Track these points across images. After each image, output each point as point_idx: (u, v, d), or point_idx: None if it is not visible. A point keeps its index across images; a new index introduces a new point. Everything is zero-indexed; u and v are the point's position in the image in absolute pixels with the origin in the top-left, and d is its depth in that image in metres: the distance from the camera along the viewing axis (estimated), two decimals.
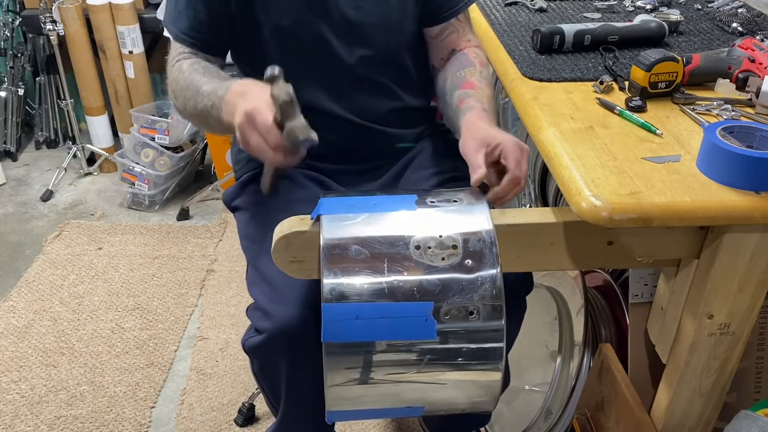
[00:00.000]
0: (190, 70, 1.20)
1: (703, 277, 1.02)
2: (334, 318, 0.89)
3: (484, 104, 1.18)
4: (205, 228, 2.66)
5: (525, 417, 1.59)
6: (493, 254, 0.92)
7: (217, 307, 2.24)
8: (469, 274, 0.91)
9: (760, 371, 1.28)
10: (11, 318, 2.18)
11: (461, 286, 0.90)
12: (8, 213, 2.77)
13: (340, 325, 0.89)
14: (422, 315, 0.90)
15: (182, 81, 1.19)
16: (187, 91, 1.18)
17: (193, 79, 1.17)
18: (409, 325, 0.90)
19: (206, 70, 1.19)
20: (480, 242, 0.93)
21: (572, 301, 1.59)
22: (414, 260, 0.92)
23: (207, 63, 1.23)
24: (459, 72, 1.28)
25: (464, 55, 1.31)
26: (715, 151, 0.95)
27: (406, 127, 1.38)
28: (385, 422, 1.82)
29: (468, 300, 0.90)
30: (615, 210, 0.91)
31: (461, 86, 1.24)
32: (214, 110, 1.11)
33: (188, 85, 1.18)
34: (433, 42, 1.35)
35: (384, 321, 0.89)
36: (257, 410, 1.83)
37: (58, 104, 3.05)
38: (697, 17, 1.53)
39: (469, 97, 1.21)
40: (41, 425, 1.81)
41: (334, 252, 0.92)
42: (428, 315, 0.89)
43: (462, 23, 1.33)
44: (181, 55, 1.24)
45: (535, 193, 1.94)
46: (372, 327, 0.89)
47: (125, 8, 2.71)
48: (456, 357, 0.92)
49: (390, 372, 0.93)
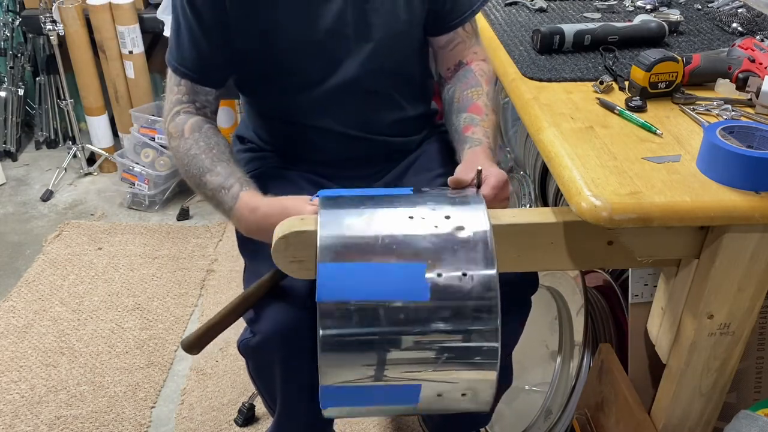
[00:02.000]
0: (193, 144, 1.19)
1: (703, 277, 1.02)
2: (330, 276, 0.90)
3: (489, 140, 1.19)
4: (205, 228, 2.66)
5: (525, 417, 1.59)
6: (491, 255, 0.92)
7: (217, 307, 2.22)
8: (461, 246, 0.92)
9: (760, 371, 1.28)
10: (11, 318, 2.18)
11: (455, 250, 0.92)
12: (8, 213, 2.77)
13: (335, 283, 0.90)
14: (416, 275, 0.91)
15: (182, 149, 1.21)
16: (189, 167, 1.20)
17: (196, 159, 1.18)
18: (402, 284, 0.91)
19: (207, 148, 1.19)
20: (478, 241, 0.93)
21: (572, 301, 1.59)
22: None
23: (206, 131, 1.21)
24: (466, 92, 1.28)
25: (471, 72, 1.31)
26: (715, 151, 0.95)
27: (408, 135, 1.39)
28: (385, 422, 1.82)
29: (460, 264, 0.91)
30: (615, 210, 0.91)
31: (468, 109, 1.25)
32: (220, 209, 1.17)
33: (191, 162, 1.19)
34: (440, 52, 1.35)
35: (378, 279, 0.91)
36: (257, 410, 1.83)
37: (58, 104, 3.05)
38: (697, 17, 1.53)
39: (475, 125, 1.22)
40: (41, 425, 1.81)
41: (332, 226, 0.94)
42: (422, 275, 0.90)
43: (469, 34, 1.33)
44: (179, 106, 1.23)
45: (535, 193, 1.94)
46: (366, 285, 0.90)
47: (125, 8, 2.71)
48: (451, 356, 0.92)
49: None
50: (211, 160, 1.17)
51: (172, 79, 1.25)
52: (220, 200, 1.15)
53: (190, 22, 1.19)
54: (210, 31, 1.20)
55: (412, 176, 1.35)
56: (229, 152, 1.21)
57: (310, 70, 1.25)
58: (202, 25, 1.20)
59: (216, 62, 1.24)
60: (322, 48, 1.23)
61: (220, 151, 1.19)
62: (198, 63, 1.22)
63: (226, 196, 1.14)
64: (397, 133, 1.36)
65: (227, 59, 1.25)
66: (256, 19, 1.20)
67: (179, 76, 1.23)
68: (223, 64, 1.25)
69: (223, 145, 1.21)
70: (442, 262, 0.91)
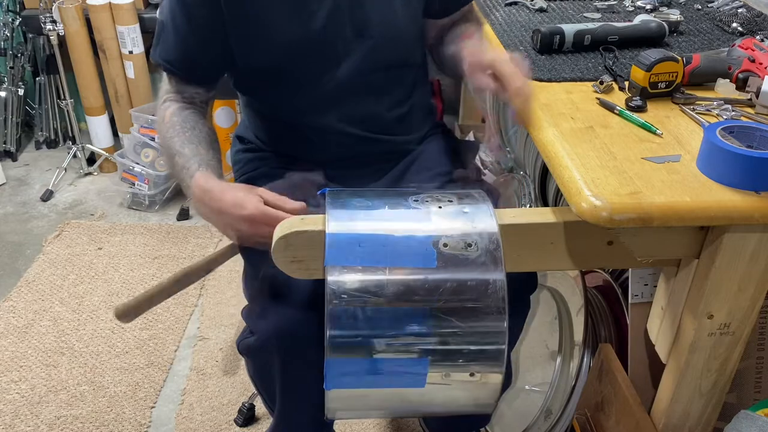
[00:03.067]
0: (170, 127, 1.20)
1: (703, 277, 1.02)
2: (337, 243, 0.91)
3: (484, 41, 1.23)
4: (205, 228, 2.65)
5: (525, 417, 1.59)
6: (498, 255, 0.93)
7: (217, 307, 2.24)
8: None
9: (760, 371, 1.28)
10: (11, 318, 2.18)
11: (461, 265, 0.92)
12: (8, 213, 2.77)
13: (343, 250, 0.90)
14: (423, 244, 0.92)
15: (162, 133, 1.22)
16: (166, 149, 1.20)
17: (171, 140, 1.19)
18: (410, 253, 0.91)
19: (183, 130, 1.19)
20: (485, 243, 0.94)
21: (572, 301, 1.59)
22: None
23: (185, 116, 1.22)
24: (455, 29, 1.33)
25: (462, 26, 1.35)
26: (715, 151, 0.95)
27: (409, 133, 1.39)
28: (385, 422, 1.82)
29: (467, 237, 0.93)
30: (615, 210, 0.91)
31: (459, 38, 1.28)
32: (185, 190, 1.16)
33: (166, 144, 1.20)
34: (441, 31, 1.36)
35: (386, 249, 0.91)
36: (257, 410, 1.83)
37: (58, 104, 3.05)
38: (697, 17, 1.53)
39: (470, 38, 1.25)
40: (41, 425, 1.81)
41: None
42: (429, 245, 0.92)
43: (467, 14, 1.35)
44: (167, 95, 1.25)
45: (535, 193, 1.94)
46: (373, 253, 0.91)
47: (125, 8, 2.71)
48: (457, 358, 0.92)
49: None
50: (182, 142, 1.17)
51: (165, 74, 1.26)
52: (182, 180, 1.14)
53: (178, 19, 1.19)
54: (199, 29, 1.20)
55: (412, 175, 1.35)
56: (205, 136, 1.19)
57: (307, 69, 1.25)
58: (191, 22, 1.19)
59: (202, 61, 1.23)
60: (318, 46, 1.22)
61: (194, 135, 1.18)
62: (183, 60, 1.22)
63: (186, 176, 1.13)
64: (398, 130, 1.36)
65: (216, 58, 1.24)
66: (250, 17, 1.19)
67: (166, 73, 1.24)
68: (210, 63, 1.24)
69: (201, 130, 1.20)
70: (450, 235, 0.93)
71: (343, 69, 1.24)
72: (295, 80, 1.26)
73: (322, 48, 1.23)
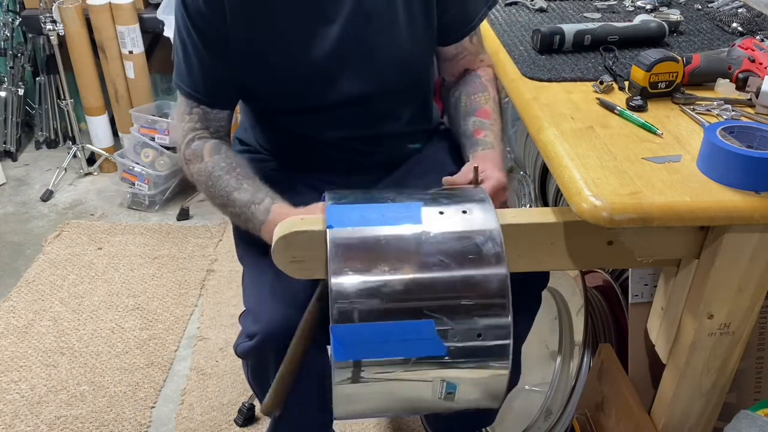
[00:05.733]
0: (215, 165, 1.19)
1: (703, 277, 1.02)
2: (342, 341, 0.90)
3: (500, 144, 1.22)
4: (205, 228, 2.66)
5: (525, 417, 1.59)
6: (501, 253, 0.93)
7: (217, 307, 2.24)
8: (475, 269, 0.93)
9: (760, 371, 1.28)
10: (11, 318, 2.18)
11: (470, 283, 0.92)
12: (8, 213, 2.77)
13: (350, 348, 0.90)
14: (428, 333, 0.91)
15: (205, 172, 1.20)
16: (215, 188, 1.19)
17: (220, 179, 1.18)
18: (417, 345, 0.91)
19: (230, 168, 1.19)
20: (487, 240, 0.94)
21: (572, 301, 1.59)
22: None
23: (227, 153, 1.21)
24: (473, 96, 1.29)
25: (478, 78, 1.31)
26: (716, 151, 0.95)
27: (414, 143, 1.40)
28: (385, 422, 1.82)
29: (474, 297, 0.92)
30: (615, 210, 0.91)
31: (476, 113, 1.26)
32: (250, 224, 1.15)
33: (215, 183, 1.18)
34: (447, 62, 1.34)
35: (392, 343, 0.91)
36: (257, 410, 1.83)
37: (58, 104, 3.05)
38: (697, 17, 1.53)
39: (485, 128, 1.23)
40: (41, 425, 1.81)
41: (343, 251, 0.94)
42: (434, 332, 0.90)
43: (475, 45, 1.33)
44: (194, 132, 1.22)
45: (535, 193, 1.94)
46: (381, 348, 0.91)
47: (125, 8, 2.71)
48: (464, 355, 0.93)
49: None
50: (236, 179, 1.17)
51: (184, 106, 1.24)
52: (250, 216, 1.14)
53: (197, 44, 1.18)
54: (218, 52, 1.19)
55: (414, 179, 1.35)
56: (251, 170, 1.21)
57: (311, 91, 1.24)
58: (209, 46, 1.18)
59: (227, 83, 1.23)
60: (324, 69, 1.22)
61: (244, 170, 1.19)
62: (209, 86, 1.21)
63: (257, 211, 1.13)
64: (401, 144, 1.37)
65: (237, 78, 1.24)
66: (255, 38, 1.19)
67: (192, 101, 1.22)
68: (233, 83, 1.24)
69: (245, 165, 1.21)
70: None
71: (348, 91, 1.24)
72: (298, 100, 1.26)
73: (326, 71, 1.22)
